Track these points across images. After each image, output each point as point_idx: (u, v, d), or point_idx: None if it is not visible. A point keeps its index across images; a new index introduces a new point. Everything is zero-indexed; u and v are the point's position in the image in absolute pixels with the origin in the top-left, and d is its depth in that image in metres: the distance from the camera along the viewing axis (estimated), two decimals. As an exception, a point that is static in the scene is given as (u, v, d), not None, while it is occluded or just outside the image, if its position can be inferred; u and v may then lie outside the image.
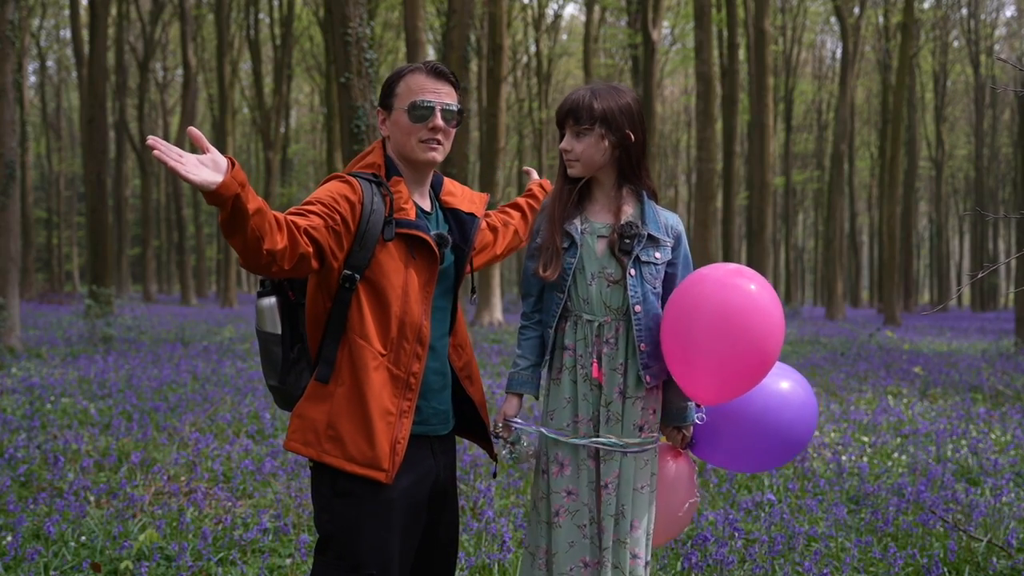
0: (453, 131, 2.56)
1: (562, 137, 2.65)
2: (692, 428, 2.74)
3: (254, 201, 2.13)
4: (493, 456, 2.78)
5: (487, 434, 2.74)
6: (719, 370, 2.44)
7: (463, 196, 2.68)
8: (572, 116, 2.58)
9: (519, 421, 2.67)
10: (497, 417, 2.69)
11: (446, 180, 2.70)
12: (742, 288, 2.44)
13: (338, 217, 2.36)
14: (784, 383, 2.69)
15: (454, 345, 2.66)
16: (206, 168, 2.06)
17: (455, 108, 2.54)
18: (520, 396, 2.71)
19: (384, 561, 2.41)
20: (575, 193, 2.65)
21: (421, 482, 2.50)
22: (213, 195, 2.06)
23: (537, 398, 2.79)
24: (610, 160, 2.61)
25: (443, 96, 2.52)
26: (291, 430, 2.46)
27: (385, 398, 2.41)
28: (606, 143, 2.58)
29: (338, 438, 2.40)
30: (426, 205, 2.60)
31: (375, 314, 2.43)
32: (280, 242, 2.20)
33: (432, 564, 2.63)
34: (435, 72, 2.52)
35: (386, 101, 2.56)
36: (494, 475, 2.88)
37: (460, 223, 2.63)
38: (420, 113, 2.48)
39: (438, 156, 2.54)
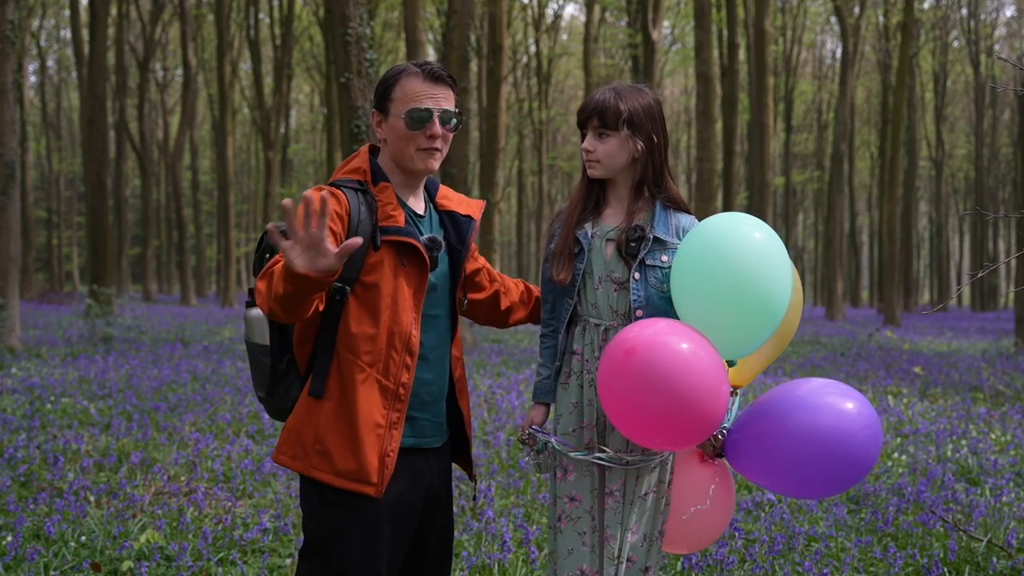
0: (451, 135, 2.50)
1: (583, 137, 2.61)
2: (720, 436, 2.62)
3: None
4: (472, 476, 2.73)
5: (468, 453, 2.69)
6: (653, 433, 2.39)
7: (459, 200, 2.64)
8: (597, 117, 2.54)
9: (541, 431, 2.64)
10: (524, 424, 2.67)
11: (442, 186, 2.66)
12: (623, 357, 2.35)
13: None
14: (849, 403, 2.46)
15: (456, 356, 2.61)
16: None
17: (453, 111, 2.48)
18: (547, 405, 2.69)
19: (371, 570, 2.38)
20: (591, 197, 2.64)
21: (412, 490, 2.46)
22: (320, 281, 2.08)
23: None
24: (631, 163, 2.59)
25: (440, 100, 2.45)
26: (280, 442, 2.43)
27: (374, 410, 2.36)
28: (630, 145, 2.55)
29: (326, 452, 2.36)
30: (419, 208, 2.56)
31: (364, 325, 2.39)
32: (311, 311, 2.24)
33: (424, 571, 2.60)
34: (432, 75, 2.45)
35: (382, 104, 2.49)
36: (474, 498, 2.84)
37: (456, 224, 2.58)
38: (418, 119, 2.42)
39: (435, 164, 2.49)
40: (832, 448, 2.41)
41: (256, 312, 2.46)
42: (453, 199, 2.64)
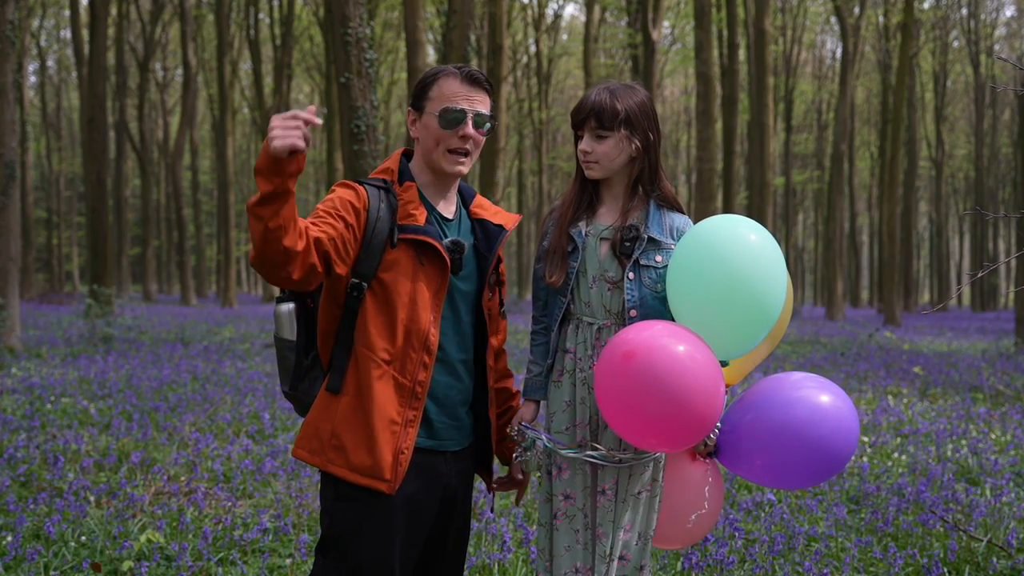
0: (483, 139, 2.51)
1: (578, 138, 2.61)
2: (714, 436, 2.65)
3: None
4: (490, 488, 2.74)
5: (488, 463, 2.69)
6: (652, 431, 2.40)
7: (494, 211, 2.64)
8: (595, 118, 2.53)
9: (531, 427, 2.64)
10: (513, 421, 2.67)
11: (479, 196, 2.66)
12: (622, 360, 2.36)
13: (341, 225, 2.35)
14: (825, 396, 2.54)
15: (491, 366, 2.60)
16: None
17: (487, 115, 2.50)
18: (537, 402, 2.70)
19: (384, 567, 2.40)
20: (585, 196, 2.64)
21: (428, 489, 2.47)
22: (286, 161, 2.06)
23: None
24: (627, 162, 2.59)
25: (476, 103, 2.48)
26: (299, 437, 2.47)
27: (390, 407, 2.38)
28: (627, 145, 2.56)
29: (341, 447, 2.39)
30: (448, 212, 2.55)
31: (381, 322, 2.41)
32: (300, 244, 2.19)
33: (440, 571, 2.61)
34: (470, 78, 2.48)
35: (418, 103, 2.51)
36: (491, 509, 2.85)
37: (487, 233, 2.58)
38: (451, 119, 2.44)
39: (464, 168, 2.50)
40: (807, 440, 2.49)
41: (285, 307, 2.50)
42: (488, 209, 2.64)
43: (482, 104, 2.50)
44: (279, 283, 2.29)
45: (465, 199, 2.63)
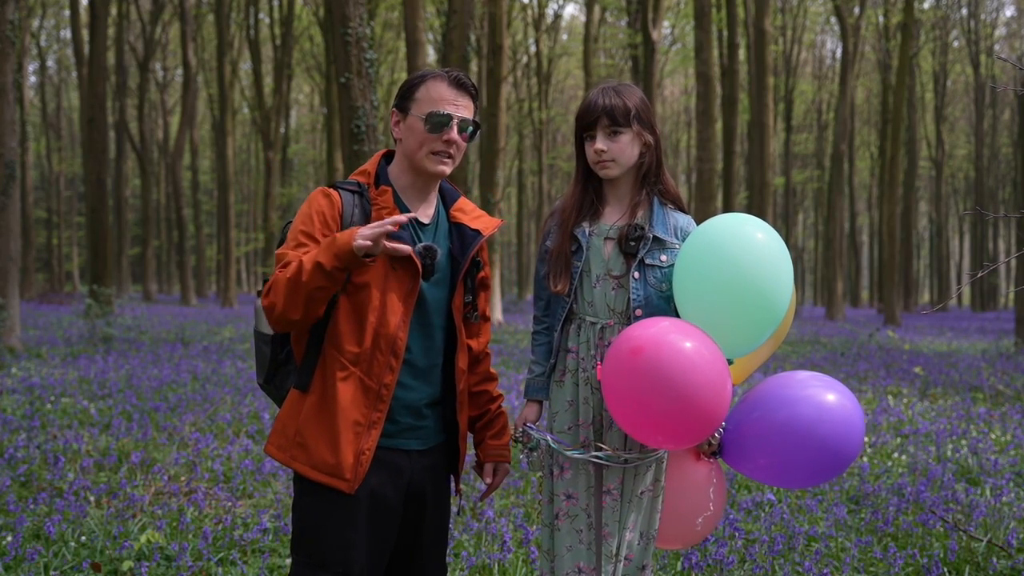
0: (466, 144, 2.53)
1: (584, 140, 2.63)
2: (719, 435, 2.64)
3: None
4: (457, 490, 2.74)
5: (456, 466, 2.67)
6: (659, 428, 2.40)
7: (473, 216, 2.63)
8: (608, 117, 2.56)
9: (535, 428, 2.64)
10: (517, 422, 2.67)
11: (462, 198, 2.66)
12: (632, 355, 2.37)
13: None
14: (830, 395, 2.53)
15: (461, 369, 2.59)
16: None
17: (471, 120, 2.52)
18: (540, 403, 2.70)
19: (349, 560, 2.42)
20: (587, 198, 2.65)
21: (390, 483, 2.47)
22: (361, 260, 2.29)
23: None
24: (637, 157, 2.62)
25: (461, 109, 2.50)
26: (270, 433, 2.52)
27: (354, 409, 2.41)
28: (639, 139, 2.59)
29: (304, 445, 2.43)
30: (426, 216, 2.56)
31: (351, 324, 2.43)
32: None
33: (420, 570, 2.61)
34: (457, 83, 2.51)
35: (403, 104, 2.53)
36: (458, 512, 2.83)
37: (463, 238, 2.58)
38: (437, 123, 2.46)
39: (447, 169, 2.52)
40: (813, 439, 2.49)
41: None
42: (468, 213, 2.63)
43: (467, 110, 2.52)
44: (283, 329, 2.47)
45: (446, 201, 2.63)
